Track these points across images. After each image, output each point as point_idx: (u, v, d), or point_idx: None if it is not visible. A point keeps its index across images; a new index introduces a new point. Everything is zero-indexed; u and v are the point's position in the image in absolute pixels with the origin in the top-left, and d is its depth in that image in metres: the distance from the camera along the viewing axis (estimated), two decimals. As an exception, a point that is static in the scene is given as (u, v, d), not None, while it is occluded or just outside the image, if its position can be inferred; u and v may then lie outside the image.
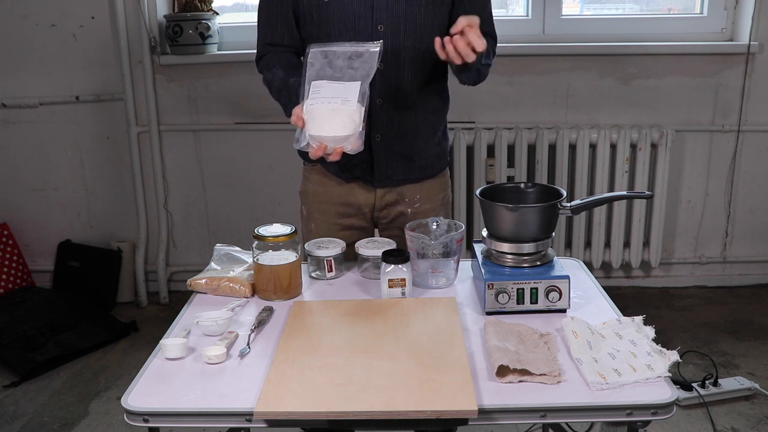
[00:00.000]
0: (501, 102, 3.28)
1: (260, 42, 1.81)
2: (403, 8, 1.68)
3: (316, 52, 1.56)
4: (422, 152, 1.84)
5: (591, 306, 1.54)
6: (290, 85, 1.68)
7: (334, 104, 1.52)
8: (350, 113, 1.52)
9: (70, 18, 3.25)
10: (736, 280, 3.54)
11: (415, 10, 1.69)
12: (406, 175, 1.84)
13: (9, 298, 3.31)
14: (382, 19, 1.68)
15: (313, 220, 1.90)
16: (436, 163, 1.90)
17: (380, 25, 1.68)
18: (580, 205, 1.57)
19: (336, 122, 1.52)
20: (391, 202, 1.87)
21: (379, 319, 1.46)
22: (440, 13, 1.72)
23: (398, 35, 1.69)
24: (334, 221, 1.88)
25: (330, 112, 1.52)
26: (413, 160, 1.83)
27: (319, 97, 1.53)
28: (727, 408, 2.52)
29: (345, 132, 1.51)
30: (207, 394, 1.24)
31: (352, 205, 1.87)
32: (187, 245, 3.55)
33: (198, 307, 1.58)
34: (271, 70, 1.76)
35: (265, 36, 1.79)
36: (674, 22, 3.33)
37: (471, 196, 3.24)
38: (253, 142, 3.37)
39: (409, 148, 1.81)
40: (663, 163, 3.22)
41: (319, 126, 1.52)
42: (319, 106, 1.53)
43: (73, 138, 3.41)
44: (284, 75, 1.71)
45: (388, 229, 1.92)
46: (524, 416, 1.19)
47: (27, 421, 2.57)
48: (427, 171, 1.88)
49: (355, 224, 1.89)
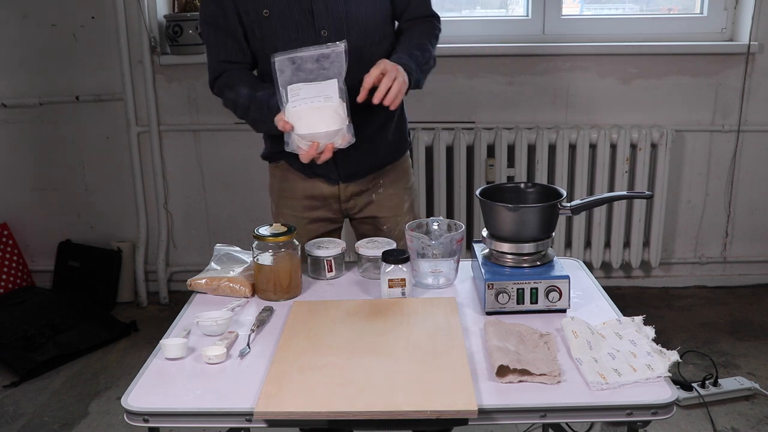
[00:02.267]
0: (501, 102, 3.28)
1: (214, 61, 1.77)
2: (342, 9, 1.67)
3: (282, 59, 1.56)
4: (384, 141, 1.86)
5: (591, 306, 1.54)
6: (258, 98, 1.68)
7: (317, 102, 1.54)
8: (335, 108, 1.54)
9: (70, 18, 3.25)
10: (736, 280, 3.54)
11: (355, 9, 1.69)
12: (370, 166, 1.86)
13: (9, 298, 3.31)
14: (324, 23, 1.67)
15: (281, 214, 1.93)
16: (399, 147, 1.92)
17: (323, 30, 1.68)
18: (580, 205, 1.57)
19: (323, 119, 1.53)
20: (356, 192, 1.89)
21: (379, 319, 1.46)
22: (381, 8, 1.73)
23: (342, 36, 1.66)
24: (300, 215, 1.90)
25: (315, 110, 1.53)
26: (377, 151, 1.85)
27: (300, 99, 1.55)
28: (727, 408, 2.52)
29: (335, 126, 1.53)
30: (207, 394, 1.24)
31: (317, 198, 1.89)
32: (187, 245, 3.55)
33: (198, 307, 1.58)
34: (233, 88, 1.73)
35: (218, 55, 1.76)
36: (674, 22, 3.33)
37: (471, 196, 3.24)
38: (253, 142, 3.33)
39: (371, 141, 1.81)
40: (663, 163, 3.22)
41: (307, 125, 1.54)
42: (303, 106, 1.54)
43: (73, 138, 3.41)
44: (249, 91, 1.70)
45: (360, 221, 1.94)
46: (524, 416, 1.20)
47: (27, 421, 2.57)
48: (390, 157, 1.90)
49: (323, 216, 1.91)
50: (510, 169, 3.23)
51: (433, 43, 1.82)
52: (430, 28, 1.84)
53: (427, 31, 1.82)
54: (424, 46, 1.77)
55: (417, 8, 1.82)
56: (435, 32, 1.85)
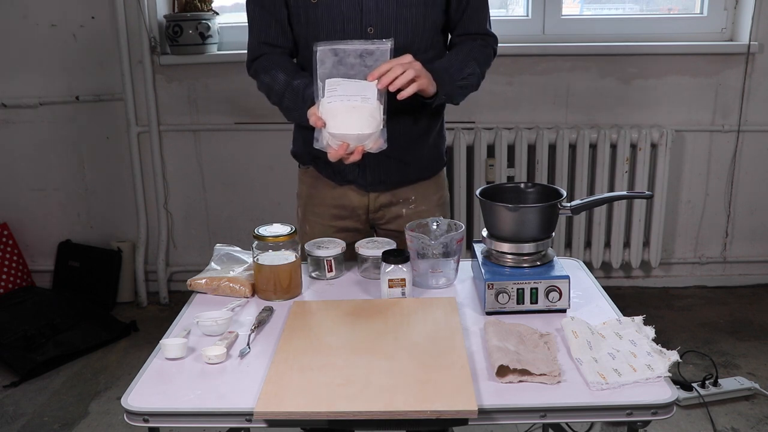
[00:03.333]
0: (501, 102, 3.28)
1: (254, 41, 1.74)
2: (393, 9, 1.63)
3: (325, 50, 1.51)
4: (417, 155, 1.81)
5: (591, 306, 1.54)
6: (295, 87, 1.64)
7: (354, 101, 1.48)
8: (371, 111, 1.48)
9: (70, 18, 3.25)
10: (736, 280, 3.54)
11: (406, 11, 1.64)
12: (401, 178, 1.82)
13: (9, 298, 3.31)
14: (372, 21, 1.64)
15: (307, 222, 1.89)
16: (432, 165, 1.87)
17: (370, 28, 1.64)
18: (580, 205, 1.57)
19: (358, 120, 1.47)
20: (386, 203, 1.85)
21: (379, 319, 1.46)
22: (432, 13, 1.68)
23: (389, 36, 1.61)
24: (328, 223, 1.86)
25: (350, 110, 1.47)
26: (408, 163, 1.80)
27: (337, 95, 1.49)
28: (727, 408, 2.52)
29: (368, 130, 1.48)
30: (207, 394, 1.23)
31: (345, 208, 1.85)
32: (187, 245, 3.55)
33: (198, 307, 1.58)
34: (270, 72, 1.70)
35: (259, 35, 1.73)
36: (674, 22, 3.33)
37: (471, 196, 3.24)
38: (253, 142, 3.37)
39: (404, 152, 1.77)
40: (663, 163, 3.22)
41: (340, 124, 1.48)
42: (338, 103, 1.48)
43: (73, 138, 3.41)
44: (286, 77, 1.67)
45: (387, 232, 1.88)
46: (524, 416, 1.19)
47: (27, 421, 2.57)
48: (423, 173, 1.85)
49: (350, 226, 1.87)
50: (510, 169, 3.23)
51: (481, 62, 1.74)
52: (482, 47, 1.76)
53: (476, 49, 1.74)
54: (466, 62, 1.70)
55: (471, 23, 1.75)
56: (486, 51, 1.77)
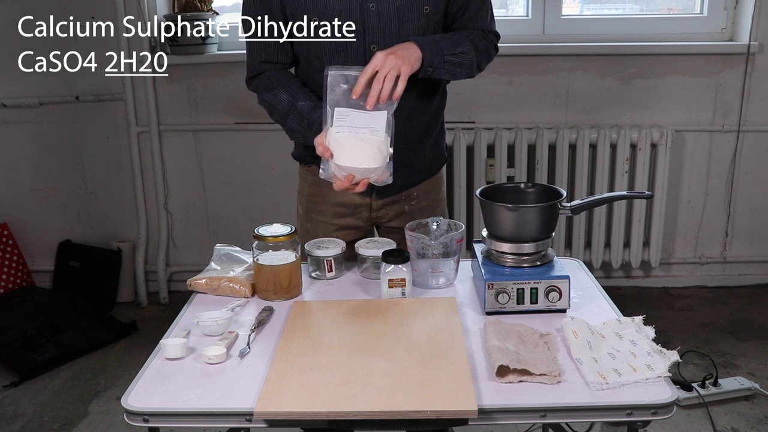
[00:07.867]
0: (501, 102, 3.28)
1: (254, 60, 1.74)
2: (395, 26, 1.64)
3: (336, 75, 1.53)
4: (421, 156, 1.83)
5: (591, 306, 1.54)
6: (299, 108, 1.65)
7: (362, 134, 1.49)
8: (378, 144, 1.50)
9: (70, 18, 3.24)
10: (736, 280, 3.54)
11: (408, 25, 1.64)
12: (406, 181, 1.82)
13: (9, 298, 3.31)
14: (375, 39, 1.64)
15: (309, 219, 1.90)
16: (435, 164, 1.89)
17: (373, 45, 1.64)
18: (580, 205, 1.57)
19: (365, 153, 1.49)
20: (388, 201, 1.85)
21: (379, 319, 1.46)
22: (433, 24, 1.68)
23: None
24: (330, 221, 1.86)
25: (358, 142, 1.49)
26: (412, 166, 1.81)
27: (345, 126, 1.50)
28: (727, 408, 2.52)
29: (374, 164, 1.49)
30: (207, 394, 1.24)
31: (347, 206, 1.85)
32: (187, 245, 3.55)
33: (198, 307, 1.58)
34: (272, 91, 1.70)
35: (259, 54, 1.73)
36: (674, 22, 3.33)
37: (471, 196, 3.24)
38: (253, 142, 3.37)
39: (408, 156, 1.78)
40: (663, 163, 3.22)
41: (347, 156, 1.50)
42: (346, 134, 1.50)
43: (73, 138, 3.41)
44: (289, 98, 1.67)
45: (389, 230, 1.89)
46: (524, 416, 1.20)
47: (27, 421, 2.57)
48: (426, 173, 1.87)
49: (352, 224, 1.87)
50: (510, 169, 3.23)
51: (479, 48, 1.69)
52: (482, 37, 1.72)
53: (476, 36, 1.71)
54: (461, 41, 1.67)
55: (470, 23, 1.72)
56: (485, 42, 1.72)
